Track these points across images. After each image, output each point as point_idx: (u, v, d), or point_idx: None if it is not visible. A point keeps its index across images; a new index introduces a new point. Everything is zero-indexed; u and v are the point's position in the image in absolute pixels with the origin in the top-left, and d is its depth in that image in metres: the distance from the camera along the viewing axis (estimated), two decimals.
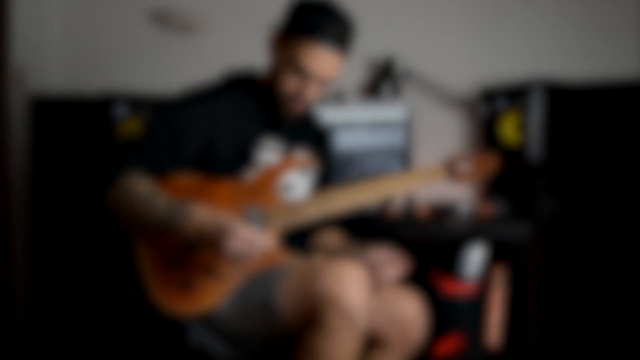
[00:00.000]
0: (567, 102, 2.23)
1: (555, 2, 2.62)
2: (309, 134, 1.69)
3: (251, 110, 1.54)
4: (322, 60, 1.42)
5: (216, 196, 1.45)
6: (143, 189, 1.35)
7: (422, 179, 1.59)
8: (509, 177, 2.50)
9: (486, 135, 2.56)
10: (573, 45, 2.60)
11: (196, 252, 1.41)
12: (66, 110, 2.61)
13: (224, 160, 1.48)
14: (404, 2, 2.73)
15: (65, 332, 2.58)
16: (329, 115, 2.53)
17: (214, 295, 1.41)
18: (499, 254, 2.37)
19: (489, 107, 2.48)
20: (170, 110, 1.47)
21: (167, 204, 1.34)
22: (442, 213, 2.41)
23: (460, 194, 2.66)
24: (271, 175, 1.51)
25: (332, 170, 1.78)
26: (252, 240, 1.32)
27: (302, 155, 1.60)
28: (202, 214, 1.35)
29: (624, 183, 2.31)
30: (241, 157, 1.50)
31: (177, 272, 1.40)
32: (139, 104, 2.43)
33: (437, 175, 1.60)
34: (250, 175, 1.51)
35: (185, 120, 1.44)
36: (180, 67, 2.87)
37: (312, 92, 1.47)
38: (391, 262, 1.48)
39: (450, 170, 1.61)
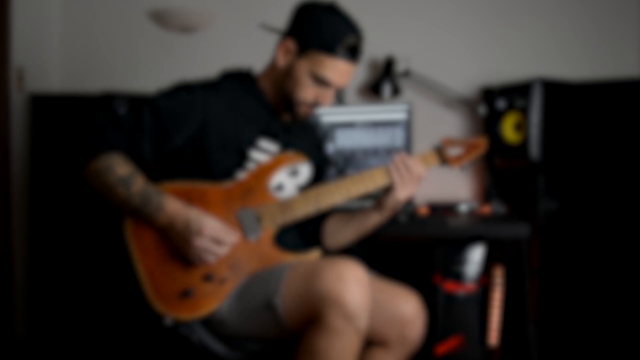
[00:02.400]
0: (566, 102, 2.23)
1: (556, 4, 2.62)
2: (306, 137, 1.69)
3: (248, 109, 1.54)
4: (343, 73, 1.48)
5: (208, 201, 1.44)
6: (122, 172, 1.36)
7: None
8: (509, 177, 2.50)
9: (486, 134, 2.56)
10: (573, 47, 2.60)
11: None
12: (64, 108, 2.63)
13: (218, 155, 1.47)
14: (404, 3, 2.74)
15: (64, 334, 2.58)
16: (329, 115, 2.53)
17: (215, 301, 1.41)
18: (499, 253, 2.37)
19: (488, 107, 2.48)
20: (162, 98, 1.46)
21: (142, 192, 1.37)
22: (442, 213, 2.41)
23: (460, 194, 2.67)
24: (261, 175, 1.50)
25: (328, 174, 1.77)
26: (219, 238, 1.37)
27: (291, 152, 1.59)
28: (173, 206, 1.38)
29: (624, 183, 2.31)
30: (236, 155, 1.50)
31: (175, 280, 1.40)
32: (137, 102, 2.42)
33: (429, 160, 1.59)
34: (241, 176, 1.50)
35: (175, 109, 1.44)
36: (180, 67, 2.87)
37: (329, 99, 1.52)
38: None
39: (441, 154, 1.60)
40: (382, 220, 1.61)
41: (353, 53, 1.47)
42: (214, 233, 1.36)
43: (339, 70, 1.47)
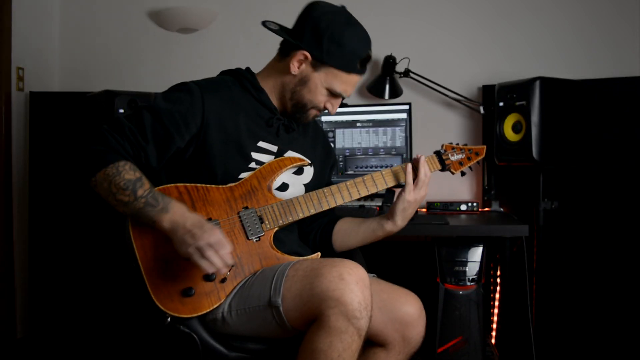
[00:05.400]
0: (566, 102, 2.23)
1: (556, 4, 2.62)
2: (308, 133, 1.69)
3: (247, 106, 1.54)
4: (354, 85, 1.55)
5: (211, 200, 1.45)
6: (129, 176, 1.37)
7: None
8: (509, 177, 2.50)
9: (486, 134, 2.57)
10: (573, 47, 2.60)
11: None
12: (61, 104, 2.64)
13: (222, 158, 1.47)
14: (404, 3, 2.74)
15: (64, 335, 2.58)
16: (329, 115, 2.53)
17: (215, 300, 1.41)
18: (499, 254, 2.37)
19: (488, 107, 2.49)
20: (161, 101, 1.46)
21: (148, 194, 1.36)
22: (442, 213, 2.41)
23: (460, 194, 2.67)
24: (265, 176, 1.51)
25: (330, 171, 1.78)
26: (224, 246, 1.31)
27: (296, 155, 1.60)
28: (178, 211, 1.36)
29: (623, 183, 2.31)
30: (240, 158, 1.50)
31: (176, 279, 1.39)
32: (137, 102, 2.42)
33: (431, 165, 1.62)
34: (244, 176, 1.51)
35: (175, 111, 1.43)
36: (180, 67, 2.87)
37: (337, 106, 1.58)
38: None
39: (442, 159, 1.63)
40: (395, 230, 1.62)
41: (365, 66, 1.54)
42: (221, 251, 1.30)
43: (352, 84, 1.54)
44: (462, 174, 1.67)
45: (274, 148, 1.56)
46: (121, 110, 2.27)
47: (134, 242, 1.40)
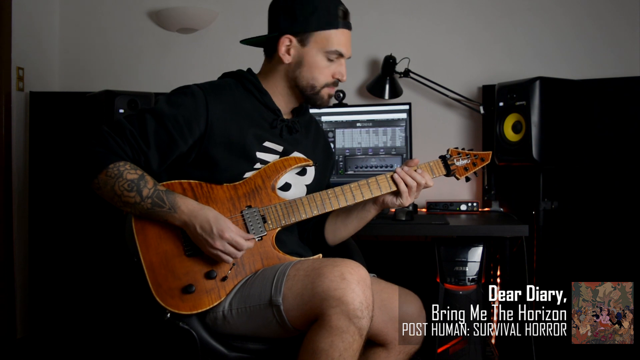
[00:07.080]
0: (566, 101, 2.23)
1: (557, 4, 2.62)
2: (310, 134, 1.69)
3: (251, 108, 1.54)
4: (347, 40, 1.56)
5: (214, 198, 1.45)
6: (131, 177, 1.37)
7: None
8: (509, 177, 2.50)
9: (486, 134, 2.57)
10: (574, 47, 2.60)
11: (195, 258, 1.42)
12: (60, 104, 2.64)
13: (226, 161, 1.47)
14: (404, 3, 2.74)
15: (64, 334, 2.58)
16: (329, 115, 2.53)
17: (215, 298, 1.41)
18: (499, 253, 2.37)
19: (489, 107, 2.49)
20: (164, 104, 1.45)
21: (153, 194, 1.37)
22: (442, 213, 2.42)
23: (460, 194, 2.67)
24: (268, 176, 1.51)
25: (331, 171, 1.78)
26: (239, 243, 1.38)
27: (300, 155, 1.60)
28: (188, 205, 1.39)
29: (623, 184, 2.31)
30: (244, 160, 1.50)
31: (177, 275, 1.40)
32: (137, 102, 2.41)
33: (436, 170, 1.62)
34: (248, 176, 1.51)
35: (178, 115, 1.43)
36: (180, 67, 2.87)
37: (344, 71, 1.58)
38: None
39: (447, 164, 1.62)
40: (378, 213, 1.66)
41: (347, 18, 1.55)
42: (234, 238, 1.38)
43: (344, 40, 1.54)
44: (467, 179, 1.66)
45: (280, 148, 1.56)
46: (121, 110, 2.27)
47: (137, 237, 1.40)
